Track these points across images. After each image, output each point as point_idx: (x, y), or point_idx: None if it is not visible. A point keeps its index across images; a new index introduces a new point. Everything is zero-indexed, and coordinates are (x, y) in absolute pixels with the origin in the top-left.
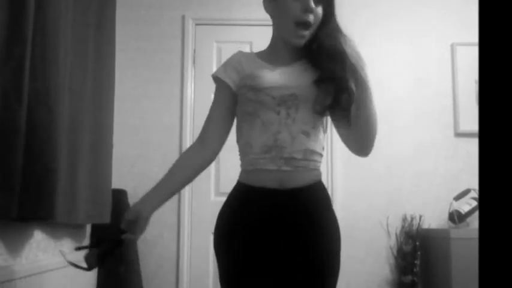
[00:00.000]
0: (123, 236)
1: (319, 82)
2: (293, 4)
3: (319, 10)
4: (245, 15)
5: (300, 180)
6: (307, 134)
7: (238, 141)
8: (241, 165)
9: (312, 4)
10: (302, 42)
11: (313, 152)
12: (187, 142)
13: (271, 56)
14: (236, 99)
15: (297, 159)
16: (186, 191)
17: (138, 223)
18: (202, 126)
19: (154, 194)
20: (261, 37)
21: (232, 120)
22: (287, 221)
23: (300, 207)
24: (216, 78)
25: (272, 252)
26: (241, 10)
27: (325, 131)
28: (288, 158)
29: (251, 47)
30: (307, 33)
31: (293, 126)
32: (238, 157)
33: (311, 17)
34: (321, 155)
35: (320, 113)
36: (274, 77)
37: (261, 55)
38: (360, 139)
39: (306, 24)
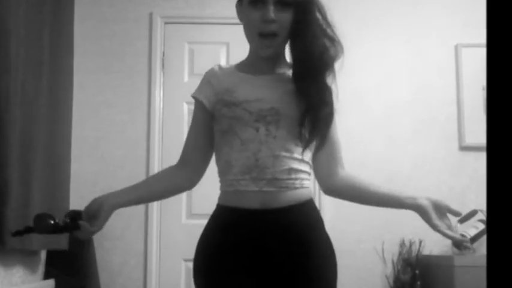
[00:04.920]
0: (80, 222)
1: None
2: (253, 14)
3: (285, 16)
4: (221, 13)
5: (285, 199)
6: (290, 152)
7: (217, 161)
8: (221, 187)
9: (271, 14)
10: (269, 52)
11: (298, 171)
12: (155, 157)
13: (251, 65)
14: (213, 118)
15: (281, 180)
16: (154, 213)
17: (98, 215)
18: (182, 149)
19: (122, 192)
20: (239, 37)
21: (213, 138)
22: (272, 245)
23: (285, 228)
24: (193, 97)
25: (258, 280)
26: (217, 7)
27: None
28: (270, 178)
29: (228, 49)
30: (274, 43)
31: (274, 144)
32: (217, 176)
33: (273, 26)
34: (308, 173)
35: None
36: (251, 89)
37: (240, 67)
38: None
39: (270, 35)
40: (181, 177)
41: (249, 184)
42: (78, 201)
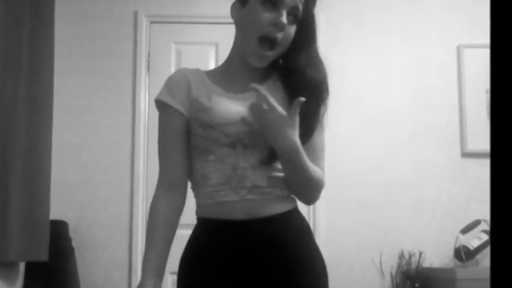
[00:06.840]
0: None
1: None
2: (263, 15)
3: (292, 30)
4: (209, 11)
5: (269, 208)
6: (269, 164)
7: (190, 174)
8: (198, 200)
9: (285, 19)
10: (262, 64)
11: (278, 179)
12: (140, 163)
13: (226, 78)
14: (190, 125)
15: (261, 187)
16: (139, 222)
17: None
18: (160, 166)
19: (154, 267)
20: (228, 37)
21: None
22: (259, 257)
23: (273, 240)
24: (161, 103)
25: None
26: (205, 5)
27: None
28: (250, 186)
29: (217, 50)
30: (270, 54)
31: (252, 158)
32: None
33: (280, 35)
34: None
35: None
36: (229, 110)
37: (212, 75)
38: (298, 192)
39: (271, 42)
40: (178, 208)
41: (230, 194)
42: (58, 210)
